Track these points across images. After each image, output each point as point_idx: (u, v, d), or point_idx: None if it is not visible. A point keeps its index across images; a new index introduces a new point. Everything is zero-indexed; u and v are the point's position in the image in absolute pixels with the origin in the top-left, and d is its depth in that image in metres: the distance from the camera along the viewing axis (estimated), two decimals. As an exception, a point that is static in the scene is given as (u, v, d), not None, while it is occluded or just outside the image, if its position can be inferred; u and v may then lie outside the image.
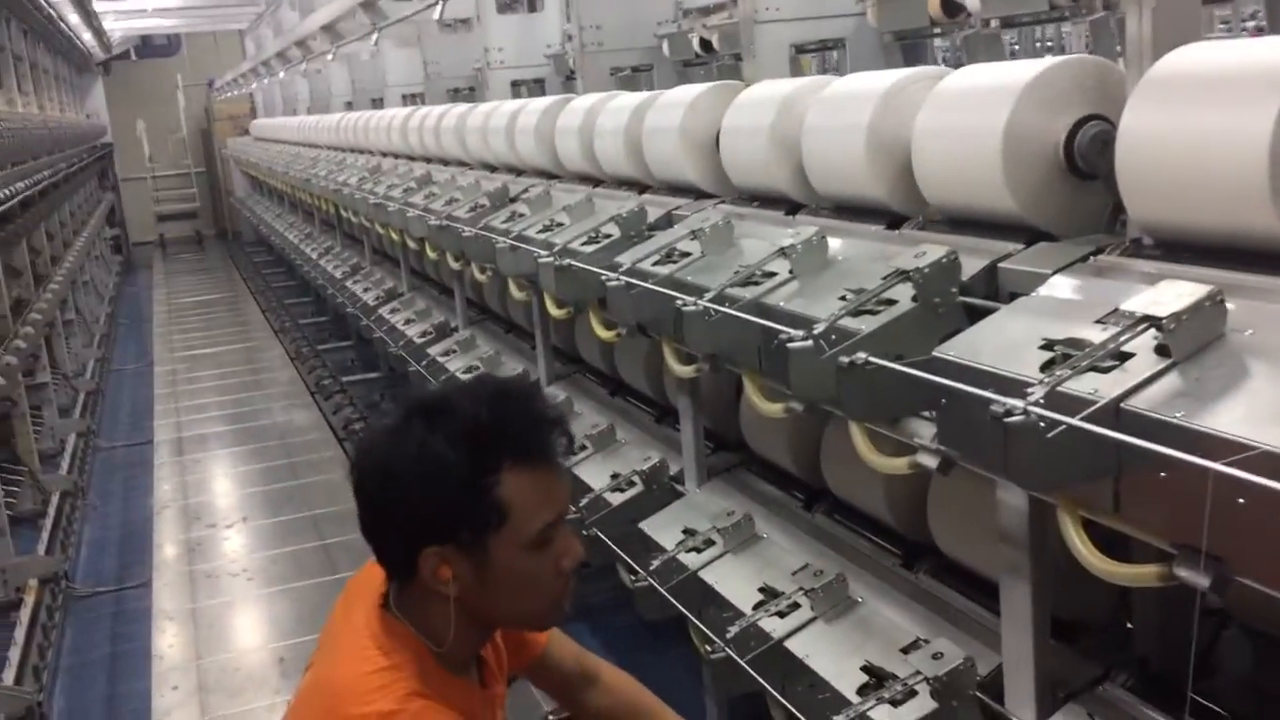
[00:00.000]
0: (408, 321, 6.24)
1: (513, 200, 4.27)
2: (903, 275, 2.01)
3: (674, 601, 2.68)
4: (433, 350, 5.49)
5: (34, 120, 8.43)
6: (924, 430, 1.90)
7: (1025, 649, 1.96)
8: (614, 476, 3.38)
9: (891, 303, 2.01)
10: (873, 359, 1.83)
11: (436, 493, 1.36)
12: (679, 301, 2.43)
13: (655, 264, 2.80)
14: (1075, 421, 1.45)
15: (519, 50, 5.61)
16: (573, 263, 3.11)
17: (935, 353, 1.79)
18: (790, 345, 1.96)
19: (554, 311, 3.53)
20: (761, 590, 2.59)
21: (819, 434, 2.80)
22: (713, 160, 3.14)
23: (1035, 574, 1.92)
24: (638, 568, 2.87)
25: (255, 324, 11.53)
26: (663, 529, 3.04)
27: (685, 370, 2.73)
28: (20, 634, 4.63)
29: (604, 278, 2.85)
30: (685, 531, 2.96)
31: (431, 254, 4.99)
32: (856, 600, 2.46)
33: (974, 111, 2.10)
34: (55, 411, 7.76)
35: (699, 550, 2.86)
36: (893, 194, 2.39)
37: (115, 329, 11.94)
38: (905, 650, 2.23)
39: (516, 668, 1.79)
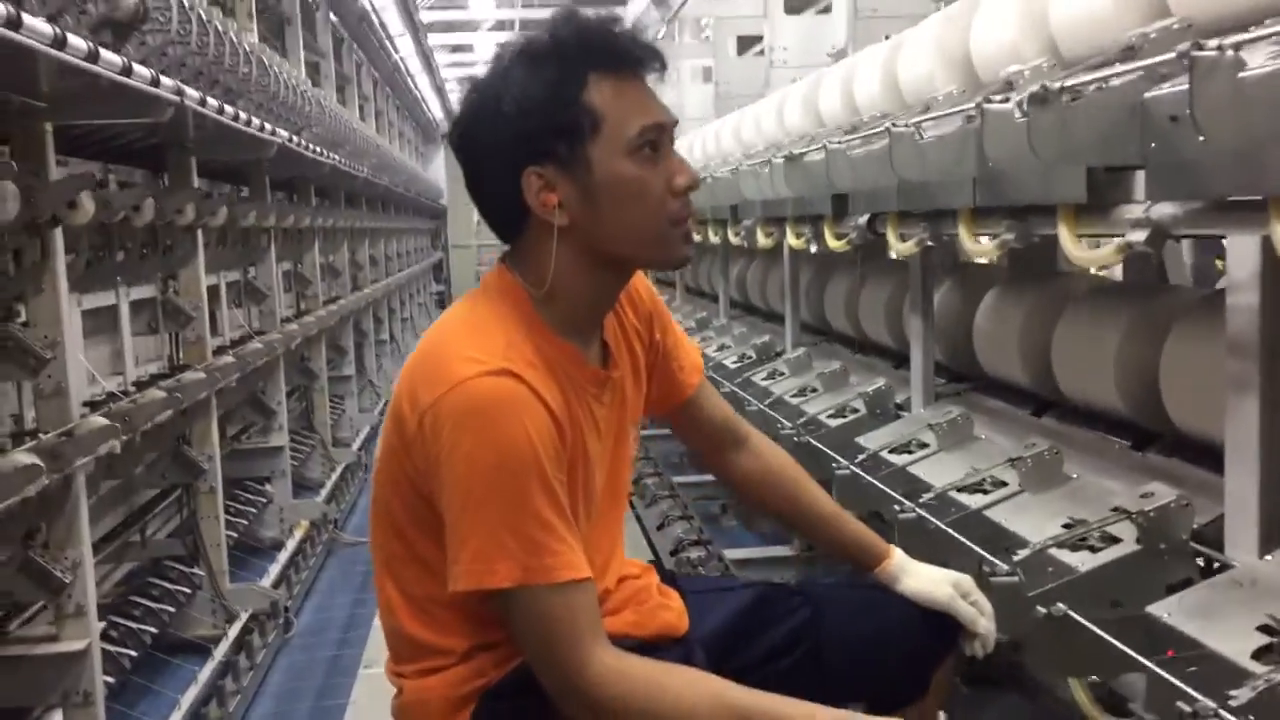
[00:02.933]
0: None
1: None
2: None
3: (874, 481, 2.51)
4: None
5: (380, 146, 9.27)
6: (1129, 212, 1.70)
7: (1251, 479, 1.69)
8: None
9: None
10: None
11: (527, 105, 1.36)
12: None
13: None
14: None
15: (803, 51, 5.65)
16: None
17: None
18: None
19: (793, 241, 3.49)
20: (969, 474, 2.38)
21: (1050, 338, 2.58)
22: None
23: (1265, 383, 1.66)
24: (842, 460, 2.72)
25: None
26: (877, 439, 2.87)
27: (906, 247, 2.60)
28: (284, 557, 4.95)
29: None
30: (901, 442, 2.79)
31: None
32: (1070, 476, 2.22)
33: None
34: (356, 406, 8.37)
35: (910, 451, 2.68)
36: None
37: (424, 361, 12.79)
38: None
39: (664, 411, 1.72)
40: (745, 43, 6.77)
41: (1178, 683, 1.38)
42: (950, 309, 3.11)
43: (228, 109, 3.35)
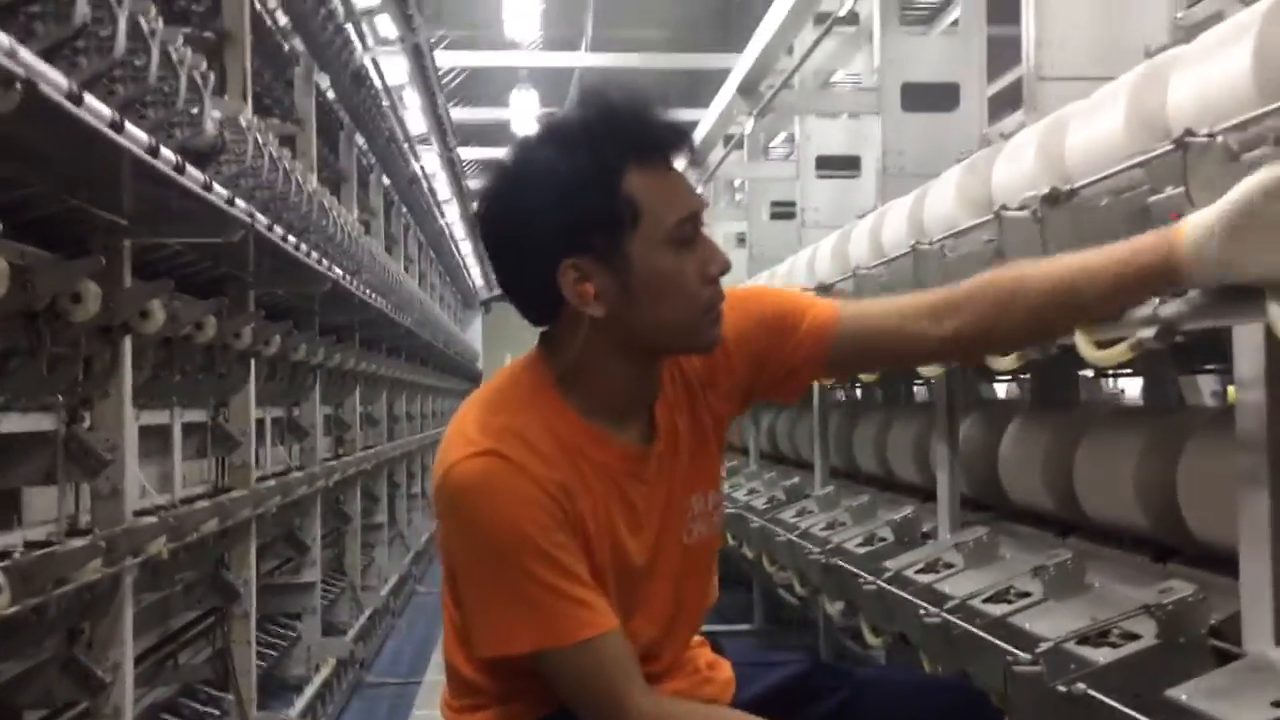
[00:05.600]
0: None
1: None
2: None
3: (896, 592, 2.55)
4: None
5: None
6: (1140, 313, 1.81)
7: (1264, 569, 1.75)
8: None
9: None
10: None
11: (565, 197, 1.36)
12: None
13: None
14: None
15: (834, 212, 5.89)
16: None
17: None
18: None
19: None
20: (993, 585, 2.43)
21: (1072, 462, 2.66)
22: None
23: (1275, 477, 1.74)
24: (868, 575, 2.77)
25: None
26: (904, 562, 2.92)
27: (932, 369, 2.71)
28: (310, 690, 4.96)
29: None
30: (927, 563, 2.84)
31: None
32: (1092, 584, 2.27)
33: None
34: (386, 555, 8.42)
35: (936, 571, 2.73)
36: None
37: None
38: (1137, 615, 2.02)
39: (820, 371, 1.59)
40: (778, 207, 7.03)
41: (1194, 745, 1.42)
42: (974, 442, 3.19)
43: (290, 239, 3.57)
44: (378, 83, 6.76)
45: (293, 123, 5.00)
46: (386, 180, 8.53)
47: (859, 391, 5.91)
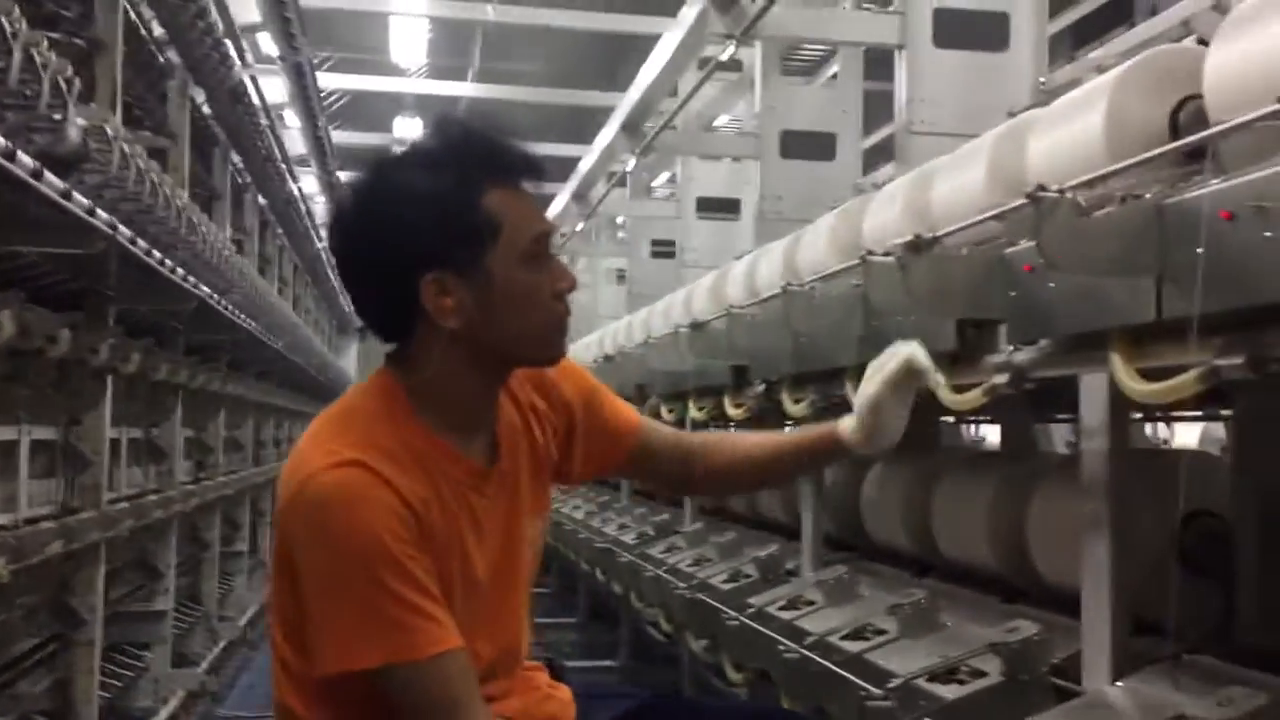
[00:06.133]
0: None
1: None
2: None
3: (759, 628, 2.58)
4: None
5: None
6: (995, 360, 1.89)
7: (1103, 610, 1.82)
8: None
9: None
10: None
11: (430, 212, 1.41)
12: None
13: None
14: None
15: (712, 252, 5.98)
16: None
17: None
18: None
19: (695, 414, 3.63)
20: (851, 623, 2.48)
21: (929, 504, 2.73)
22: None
23: (1115, 520, 1.81)
24: (734, 612, 2.79)
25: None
26: (767, 598, 2.95)
27: (799, 409, 2.76)
28: (154, 726, 4.76)
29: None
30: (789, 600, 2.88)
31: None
32: (945, 624, 2.32)
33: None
34: (245, 584, 8.16)
35: (797, 608, 2.77)
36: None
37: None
38: (986, 653, 2.07)
39: (612, 473, 1.76)
40: (659, 246, 7.11)
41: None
42: (838, 483, 3.26)
43: (155, 253, 3.46)
44: (256, 100, 6.60)
45: (165, 136, 4.86)
46: (262, 200, 8.34)
47: (731, 429, 6.00)
